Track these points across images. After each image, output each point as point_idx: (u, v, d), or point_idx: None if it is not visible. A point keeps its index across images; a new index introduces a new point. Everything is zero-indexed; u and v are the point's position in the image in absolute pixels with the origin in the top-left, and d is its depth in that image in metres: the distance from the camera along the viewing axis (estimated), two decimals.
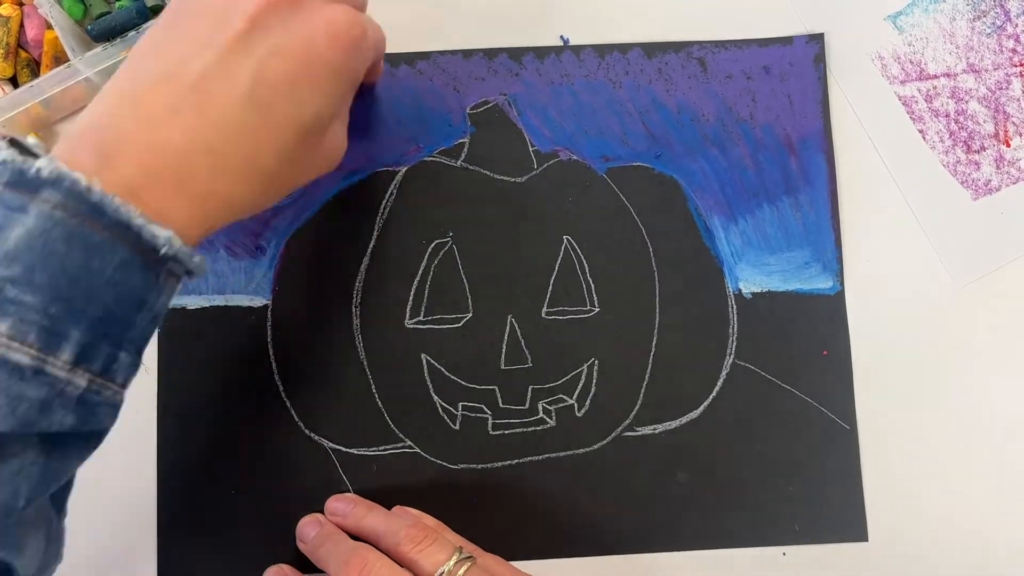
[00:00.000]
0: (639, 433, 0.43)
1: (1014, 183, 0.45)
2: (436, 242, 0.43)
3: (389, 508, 0.41)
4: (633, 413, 0.43)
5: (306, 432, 0.42)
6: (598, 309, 0.43)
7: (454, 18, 0.45)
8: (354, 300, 0.43)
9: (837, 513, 0.42)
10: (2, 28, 0.43)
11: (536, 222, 0.44)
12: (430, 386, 0.43)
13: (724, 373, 0.43)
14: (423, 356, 0.43)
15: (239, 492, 0.42)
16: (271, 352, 0.43)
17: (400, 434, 0.42)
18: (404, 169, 0.44)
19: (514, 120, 0.44)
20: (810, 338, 0.43)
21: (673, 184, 0.44)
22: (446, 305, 0.43)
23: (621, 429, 0.43)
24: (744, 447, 0.43)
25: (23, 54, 0.44)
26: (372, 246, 0.43)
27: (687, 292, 0.43)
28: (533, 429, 0.43)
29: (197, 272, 0.31)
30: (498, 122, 0.44)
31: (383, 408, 0.43)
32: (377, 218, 0.44)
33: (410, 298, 0.43)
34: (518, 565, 0.39)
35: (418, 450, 0.42)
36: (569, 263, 0.43)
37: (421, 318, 0.43)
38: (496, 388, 0.43)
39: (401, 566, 0.36)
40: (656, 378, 0.43)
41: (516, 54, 0.45)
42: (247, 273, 0.43)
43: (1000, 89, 0.45)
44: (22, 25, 0.44)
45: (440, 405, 0.43)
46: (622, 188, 0.44)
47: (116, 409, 0.30)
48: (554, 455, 0.42)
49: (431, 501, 0.42)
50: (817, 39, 0.45)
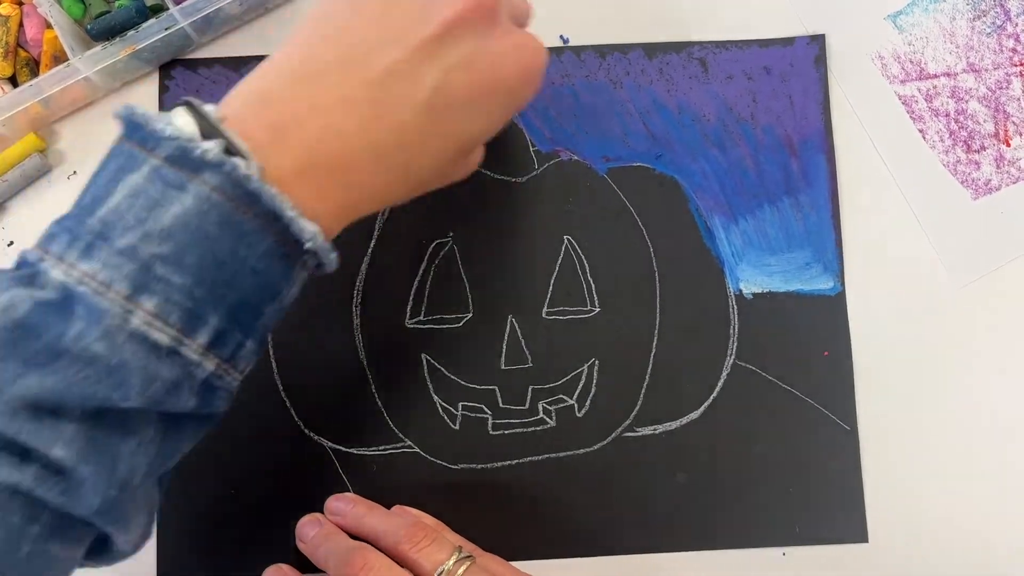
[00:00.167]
0: (639, 434, 0.43)
1: (1014, 183, 0.45)
2: (437, 242, 0.43)
3: (389, 508, 0.41)
4: (633, 414, 0.43)
5: (306, 432, 0.42)
6: (598, 309, 0.43)
7: None
8: (354, 300, 0.43)
9: (837, 514, 0.42)
10: (1, 27, 0.43)
11: (537, 222, 0.44)
12: (430, 386, 0.43)
13: (725, 374, 0.43)
14: (423, 356, 0.43)
15: (239, 492, 0.42)
16: (271, 352, 0.43)
17: (400, 434, 0.42)
18: None
19: (515, 120, 0.44)
20: (811, 339, 0.43)
21: (674, 184, 0.44)
22: (446, 305, 0.43)
23: (621, 430, 0.43)
24: (744, 448, 0.43)
25: (22, 53, 0.44)
26: (373, 246, 0.43)
27: (688, 293, 0.43)
28: (533, 429, 0.43)
29: (329, 267, 0.30)
30: None
31: (383, 408, 0.43)
32: (378, 218, 0.44)
33: (410, 298, 0.43)
34: (518, 565, 0.39)
35: (418, 450, 0.42)
36: (570, 263, 0.43)
37: (421, 318, 0.43)
38: (496, 388, 0.43)
39: (401, 566, 0.36)
40: (656, 379, 0.43)
41: None
42: None
43: (1000, 88, 0.45)
44: (21, 24, 0.44)
45: (440, 405, 0.43)
46: (623, 188, 0.44)
47: (231, 395, 0.30)
48: (554, 455, 0.42)
49: (431, 501, 0.42)
50: (818, 40, 0.45)
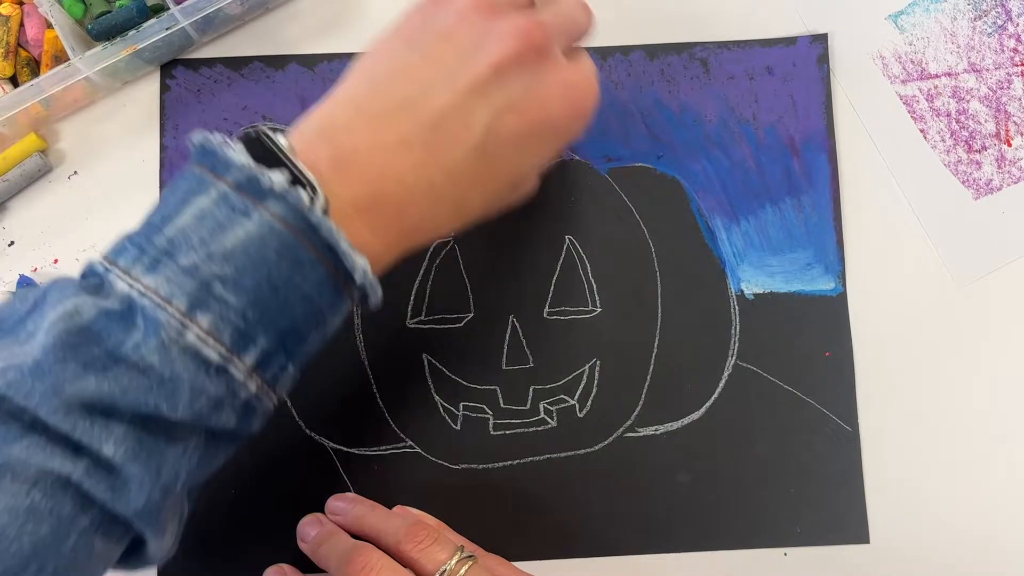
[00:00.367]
0: (640, 434, 0.43)
1: (1015, 182, 0.45)
2: (437, 242, 0.43)
3: (390, 508, 0.41)
4: (635, 414, 0.43)
5: (306, 432, 0.42)
6: (600, 309, 0.43)
7: None
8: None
9: (838, 515, 0.42)
10: (2, 27, 0.43)
11: (538, 222, 0.44)
12: (431, 386, 0.43)
13: (726, 374, 0.43)
14: (424, 356, 0.43)
15: (239, 492, 0.42)
16: None
17: (401, 434, 0.42)
18: None
19: None
20: (812, 339, 0.43)
21: (675, 185, 0.44)
22: (448, 305, 0.43)
23: (622, 430, 0.43)
24: (745, 448, 0.42)
25: (23, 53, 0.44)
26: None
27: (689, 293, 0.43)
28: (534, 430, 0.42)
29: (372, 303, 0.31)
30: None
31: (384, 408, 0.43)
32: None
33: (412, 298, 0.43)
34: (519, 565, 0.39)
35: (419, 450, 0.42)
36: (571, 263, 0.43)
37: (422, 318, 0.43)
38: (497, 388, 0.43)
39: (402, 565, 0.36)
40: (658, 379, 0.43)
41: None
42: None
43: (1001, 88, 0.45)
44: (22, 24, 0.44)
45: (441, 405, 0.43)
46: (624, 189, 0.44)
47: (267, 417, 0.31)
48: (555, 456, 0.42)
49: (432, 501, 0.42)
50: (821, 40, 0.45)
